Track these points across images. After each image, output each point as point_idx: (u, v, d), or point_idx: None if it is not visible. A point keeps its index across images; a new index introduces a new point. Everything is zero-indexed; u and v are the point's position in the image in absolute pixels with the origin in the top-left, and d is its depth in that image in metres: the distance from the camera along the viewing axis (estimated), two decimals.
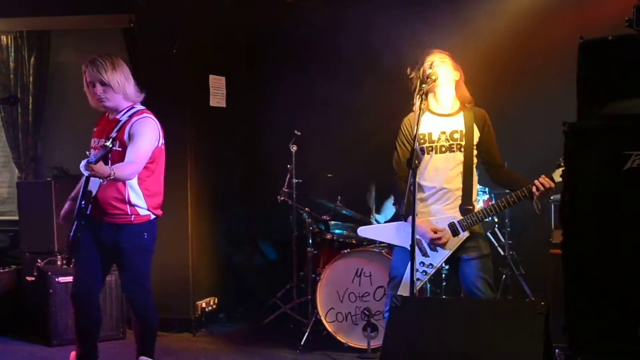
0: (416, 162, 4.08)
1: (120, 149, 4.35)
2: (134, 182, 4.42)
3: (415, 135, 4.14)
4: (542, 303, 3.39)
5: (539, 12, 6.18)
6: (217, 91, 6.69)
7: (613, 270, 2.83)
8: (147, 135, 4.42)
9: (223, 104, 6.78)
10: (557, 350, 4.67)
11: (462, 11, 6.34)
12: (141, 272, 4.56)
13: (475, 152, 4.40)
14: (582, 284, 2.90)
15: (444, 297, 5.65)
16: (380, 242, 5.62)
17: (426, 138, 4.43)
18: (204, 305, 6.43)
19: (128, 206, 4.42)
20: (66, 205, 4.67)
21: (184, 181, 6.34)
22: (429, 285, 5.56)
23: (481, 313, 3.61)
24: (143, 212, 4.49)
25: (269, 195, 6.45)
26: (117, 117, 4.48)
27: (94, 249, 4.48)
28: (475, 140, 4.39)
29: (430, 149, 4.42)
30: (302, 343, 5.71)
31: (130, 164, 4.29)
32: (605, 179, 2.84)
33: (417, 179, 4.27)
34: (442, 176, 4.40)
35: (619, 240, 2.84)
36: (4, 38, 7.12)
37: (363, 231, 4.95)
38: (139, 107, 4.57)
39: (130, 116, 4.46)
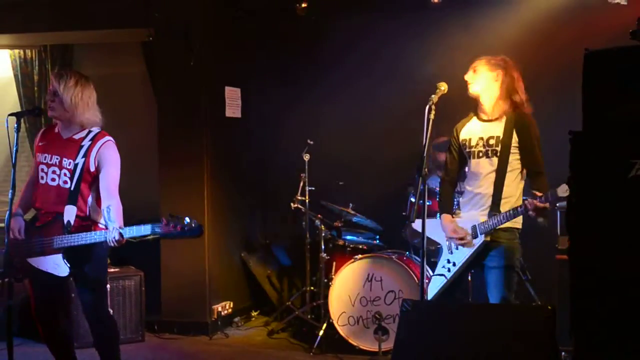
0: (425, 170, 4.09)
1: (85, 174, 4.30)
2: (92, 198, 4.37)
3: (426, 143, 4.11)
4: (549, 307, 3.37)
5: (546, 21, 6.16)
6: (233, 102, 6.70)
7: (619, 275, 2.81)
8: (117, 162, 4.39)
9: (238, 115, 6.79)
10: (563, 354, 4.65)
11: (473, 21, 6.34)
12: (105, 286, 4.59)
13: (514, 157, 4.30)
14: (588, 289, 2.88)
15: (454, 302, 5.63)
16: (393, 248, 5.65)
17: (466, 143, 4.44)
18: (219, 309, 6.43)
19: (90, 222, 4.37)
20: (21, 224, 4.43)
21: (201, 189, 6.35)
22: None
23: (489, 317, 3.59)
24: (101, 226, 4.40)
25: (282, 203, 6.45)
26: (75, 137, 4.37)
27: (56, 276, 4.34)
28: (514, 144, 4.29)
29: (469, 154, 4.43)
30: (315, 346, 5.70)
31: (115, 205, 4.28)
32: (611, 186, 2.82)
33: (465, 184, 4.54)
34: (477, 181, 4.40)
35: (624, 246, 2.82)
36: (28, 52, 7.16)
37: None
38: (96, 129, 4.42)
39: (93, 140, 4.36)
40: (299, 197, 6.25)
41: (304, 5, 6.48)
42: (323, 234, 6.15)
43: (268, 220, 7.32)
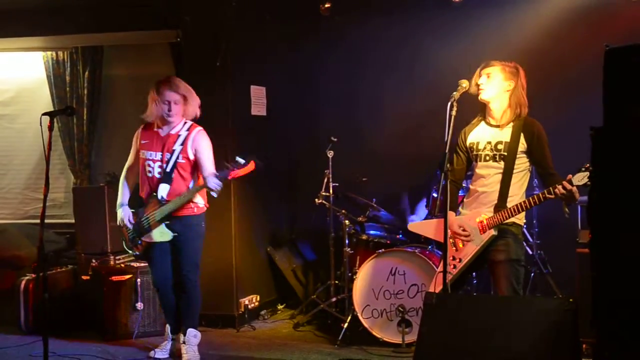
0: (448, 165, 4.09)
1: (184, 161, 5.04)
2: (192, 182, 5.06)
3: (448, 139, 4.10)
4: (571, 300, 3.34)
5: (565, 17, 6.11)
6: (258, 101, 6.72)
7: (639, 267, 2.79)
8: (210, 147, 5.12)
9: (264, 113, 6.80)
10: (585, 346, 4.61)
11: (493, 19, 6.31)
12: (198, 254, 5.21)
13: (520, 160, 4.31)
14: (609, 282, 2.85)
15: (475, 294, 5.61)
16: (423, 239, 5.64)
17: (474, 147, 4.45)
18: (246, 302, 6.46)
19: (190, 203, 5.08)
20: (129, 212, 5.23)
21: (228, 185, 6.36)
22: None
23: (512, 309, 3.57)
24: (201, 204, 5.13)
25: (307, 198, 6.46)
26: (173, 132, 5.08)
27: (164, 244, 5.11)
28: (521, 149, 4.30)
29: (476, 157, 4.44)
30: (339, 338, 5.70)
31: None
32: (631, 180, 2.79)
33: (470, 184, 4.57)
34: (483, 181, 4.41)
35: None
36: (60, 54, 7.22)
37: (413, 226, 5.06)
38: (189, 122, 5.15)
39: (189, 130, 5.09)
40: (323, 193, 6.25)
41: (327, 5, 6.49)
42: (347, 229, 6.16)
43: (293, 216, 7.33)
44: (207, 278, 6.35)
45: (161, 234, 5.08)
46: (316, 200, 6.24)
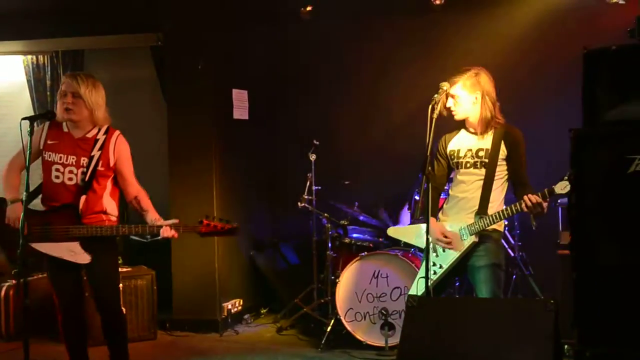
0: (429, 168, 4.09)
1: (103, 169, 4.39)
2: (107, 193, 4.48)
3: (429, 141, 4.10)
4: (552, 301, 3.36)
5: (546, 21, 6.17)
6: (240, 104, 6.71)
7: (621, 269, 2.81)
8: (129, 154, 4.53)
9: (246, 116, 6.80)
10: (566, 347, 4.64)
11: (474, 22, 6.35)
12: (115, 274, 4.62)
13: (501, 167, 4.33)
14: (590, 283, 2.88)
15: (457, 296, 5.63)
16: (403, 244, 5.63)
17: (455, 154, 4.46)
18: (229, 306, 6.44)
19: (103, 215, 4.45)
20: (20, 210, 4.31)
21: (210, 190, 6.36)
22: None
23: (493, 311, 3.59)
24: (113, 218, 4.51)
25: (290, 202, 6.46)
26: (89, 136, 4.43)
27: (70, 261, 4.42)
28: (502, 156, 4.32)
29: (456, 164, 4.45)
30: (322, 342, 5.71)
31: (143, 193, 4.51)
32: (610, 182, 2.82)
33: (450, 190, 4.53)
34: (463, 187, 4.42)
35: (623, 240, 2.82)
36: (41, 58, 7.18)
37: (392, 231, 5.03)
38: (107, 126, 4.51)
39: (107, 134, 4.45)
40: (306, 197, 6.26)
41: (308, 8, 6.49)
42: (330, 233, 6.17)
43: (276, 220, 7.33)
44: (190, 282, 6.37)
45: (72, 253, 4.34)
46: (299, 203, 6.24)
